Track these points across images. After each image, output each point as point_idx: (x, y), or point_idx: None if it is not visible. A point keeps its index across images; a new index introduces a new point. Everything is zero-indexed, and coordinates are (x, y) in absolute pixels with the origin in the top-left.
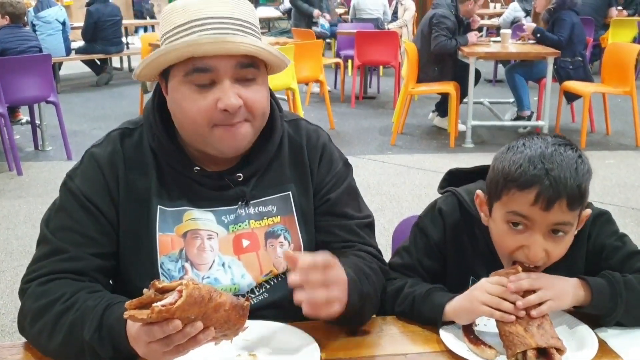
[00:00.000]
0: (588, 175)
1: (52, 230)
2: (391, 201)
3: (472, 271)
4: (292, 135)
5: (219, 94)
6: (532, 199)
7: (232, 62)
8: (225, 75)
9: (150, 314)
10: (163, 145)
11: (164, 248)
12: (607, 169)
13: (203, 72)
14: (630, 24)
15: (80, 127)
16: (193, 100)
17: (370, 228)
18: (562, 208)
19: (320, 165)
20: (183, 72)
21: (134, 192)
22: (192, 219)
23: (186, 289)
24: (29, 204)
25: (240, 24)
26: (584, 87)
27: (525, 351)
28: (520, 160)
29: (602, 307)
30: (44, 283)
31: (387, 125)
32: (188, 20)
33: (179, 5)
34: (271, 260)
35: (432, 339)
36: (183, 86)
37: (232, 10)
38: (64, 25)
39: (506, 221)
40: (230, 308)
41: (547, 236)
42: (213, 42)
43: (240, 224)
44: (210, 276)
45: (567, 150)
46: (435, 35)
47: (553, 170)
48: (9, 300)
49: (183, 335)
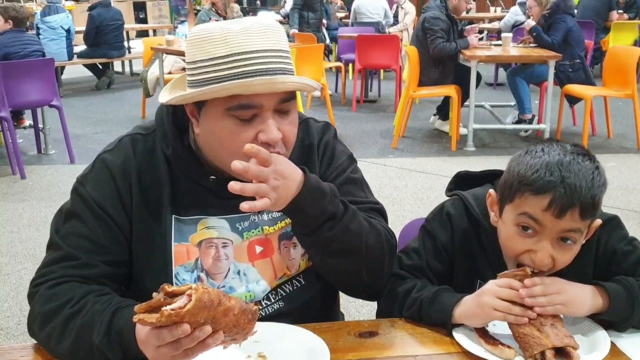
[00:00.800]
0: (603, 187)
1: (62, 236)
2: (393, 204)
3: (479, 274)
4: (303, 137)
5: (261, 127)
6: (546, 205)
7: (277, 98)
8: (269, 110)
9: (159, 317)
10: (179, 155)
11: (179, 258)
12: (608, 172)
13: (248, 109)
14: (631, 27)
15: (83, 130)
16: (235, 134)
17: (378, 212)
18: (574, 217)
19: (323, 160)
20: (225, 106)
21: (147, 201)
22: (206, 227)
23: (196, 293)
24: (33, 207)
25: (281, 56)
26: (585, 90)
27: (543, 351)
28: (537, 165)
29: (619, 314)
30: (52, 286)
31: (389, 128)
32: (230, 53)
33: (216, 34)
34: (285, 263)
35: (441, 340)
36: (224, 119)
37: (273, 42)
38: (68, 32)
39: (516, 224)
40: (239, 312)
41: (555, 243)
42: (264, 83)
43: (253, 231)
44: (226, 285)
45: (585, 160)
46: (432, 39)
47: (569, 178)
48: (14, 303)
49: (192, 339)
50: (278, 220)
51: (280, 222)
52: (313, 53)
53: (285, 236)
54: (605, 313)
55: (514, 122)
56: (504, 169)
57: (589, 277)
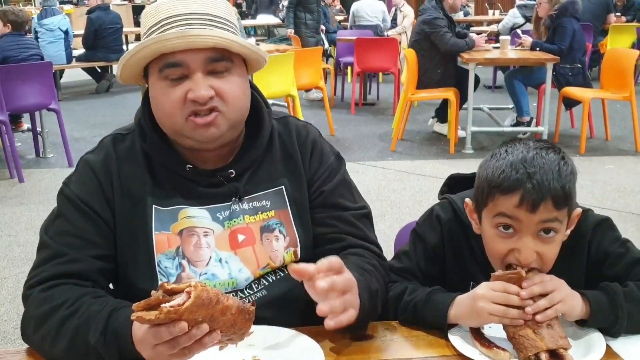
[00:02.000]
0: (572, 176)
1: (51, 236)
2: (392, 207)
3: (471, 277)
4: (282, 132)
5: (190, 85)
6: (517, 202)
7: (202, 55)
8: (196, 69)
9: (158, 314)
10: (155, 146)
11: (160, 246)
12: (606, 174)
13: (174, 67)
14: (628, 29)
15: (81, 134)
16: (167, 94)
17: (367, 218)
18: (547, 207)
19: (312, 160)
20: (157, 68)
21: (128, 194)
22: (187, 217)
23: (195, 290)
24: (31, 210)
25: (210, 19)
26: (583, 92)
27: (537, 354)
28: (503, 166)
29: (603, 321)
30: (46, 289)
31: (387, 131)
32: (159, 20)
33: (153, 7)
34: (268, 253)
35: (436, 343)
36: (158, 82)
37: (201, 7)
38: (66, 34)
39: (495, 226)
40: (236, 312)
41: (536, 237)
42: (178, 36)
43: (235, 220)
44: (208, 272)
45: (549, 153)
46: (441, 36)
47: (535, 173)
48: (11, 307)
49: (189, 338)
50: (259, 210)
51: (261, 212)
52: (311, 56)
53: (266, 229)
54: (589, 321)
55: (512, 124)
56: None
57: (581, 280)
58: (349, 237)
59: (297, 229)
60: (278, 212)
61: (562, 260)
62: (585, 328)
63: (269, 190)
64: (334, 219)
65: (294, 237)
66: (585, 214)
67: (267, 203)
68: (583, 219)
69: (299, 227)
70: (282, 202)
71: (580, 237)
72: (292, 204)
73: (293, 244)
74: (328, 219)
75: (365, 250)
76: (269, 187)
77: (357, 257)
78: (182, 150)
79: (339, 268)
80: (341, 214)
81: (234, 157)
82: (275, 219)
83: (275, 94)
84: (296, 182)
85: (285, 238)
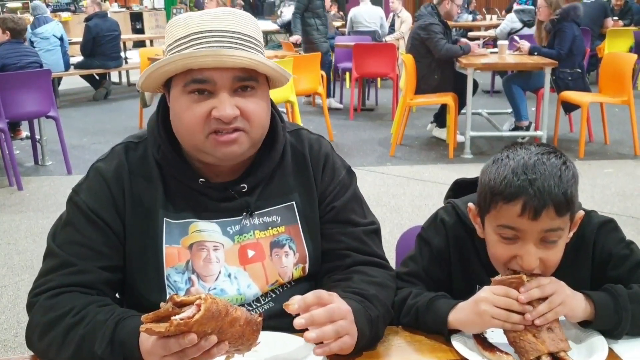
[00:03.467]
0: (573, 181)
1: (59, 244)
2: (391, 212)
3: (477, 279)
4: (295, 145)
5: (216, 103)
6: (519, 210)
7: (230, 75)
8: (222, 87)
9: (168, 327)
10: (168, 158)
11: (170, 260)
12: (605, 178)
13: (201, 84)
14: (626, 33)
15: (80, 141)
16: (191, 109)
17: (376, 234)
18: (550, 215)
19: (324, 174)
20: (182, 83)
21: (140, 205)
22: (197, 230)
23: (204, 303)
24: (30, 218)
25: (239, 37)
26: (582, 96)
27: (539, 357)
28: (505, 173)
29: (607, 322)
30: (52, 296)
31: (386, 136)
32: (188, 34)
33: (181, 18)
34: (277, 270)
35: (439, 348)
36: (182, 96)
37: (231, 24)
38: (61, 40)
39: (497, 233)
40: (244, 323)
41: (539, 244)
42: (209, 54)
43: (245, 235)
44: (217, 287)
45: (550, 158)
46: (436, 42)
47: (537, 180)
48: (11, 315)
49: (198, 349)
50: (269, 225)
51: (271, 228)
52: (310, 62)
53: (276, 244)
54: (593, 322)
55: (510, 129)
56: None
57: (586, 281)
58: (356, 254)
59: (307, 244)
60: (288, 228)
61: (568, 261)
62: (587, 330)
63: (280, 206)
64: (344, 235)
65: (303, 253)
66: (588, 215)
67: (277, 218)
68: (587, 220)
69: (308, 242)
70: (292, 218)
71: (584, 238)
72: (302, 220)
73: (302, 260)
74: (337, 235)
75: (371, 266)
76: (280, 202)
77: (362, 275)
78: (195, 163)
79: (327, 300)
80: (352, 230)
81: (245, 171)
82: (286, 235)
83: (274, 99)
84: (307, 197)
85: (295, 254)
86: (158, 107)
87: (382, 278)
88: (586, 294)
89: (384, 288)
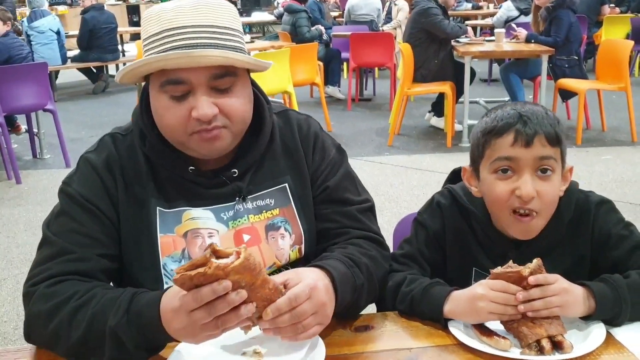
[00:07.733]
0: (557, 122)
1: (55, 232)
2: (390, 202)
3: (474, 261)
4: (283, 126)
5: (194, 103)
6: (512, 140)
7: (206, 73)
8: (199, 86)
9: (207, 269)
10: (155, 149)
11: (166, 249)
12: (603, 164)
13: (176, 85)
14: (622, 20)
15: (78, 134)
16: (169, 110)
17: (371, 212)
18: (542, 142)
19: (315, 154)
20: (158, 82)
21: (132, 195)
22: (191, 218)
23: (244, 251)
24: (29, 212)
25: (214, 32)
26: (579, 83)
27: (539, 340)
28: (494, 116)
29: (607, 314)
30: (53, 284)
31: (384, 126)
32: (160, 30)
33: (154, 12)
34: (273, 252)
35: (436, 333)
36: (160, 95)
37: (205, 18)
38: (58, 34)
39: (494, 171)
40: (273, 288)
41: (534, 175)
42: (181, 57)
43: (239, 220)
44: None
45: (536, 105)
46: (439, 23)
47: (525, 113)
48: (11, 308)
49: (228, 304)
50: (263, 209)
51: (265, 211)
52: (307, 52)
53: (271, 227)
54: (593, 315)
55: None
56: None
57: (585, 260)
58: (352, 231)
59: (302, 225)
60: (282, 210)
61: (568, 237)
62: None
63: (273, 189)
64: (339, 214)
65: (299, 234)
66: (585, 193)
67: (271, 201)
68: (585, 198)
69: (303, 223)
70: (286, 200)
71: (583, 214)
72: (296, 201)
73: (298, 241)
74: (332, 215)
75: (366, 240)
76: (273, 185)
77: (356, 247)
78: (183, 152)
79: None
80: (346, 210)
81: (235, 156)
82: (280, 217)
83: (271, 90)
84: (299, 177)
85: (290, 236)
86: (141, 98)
87: (375, 253)
88: (586, 288)
89: (376, 262)
